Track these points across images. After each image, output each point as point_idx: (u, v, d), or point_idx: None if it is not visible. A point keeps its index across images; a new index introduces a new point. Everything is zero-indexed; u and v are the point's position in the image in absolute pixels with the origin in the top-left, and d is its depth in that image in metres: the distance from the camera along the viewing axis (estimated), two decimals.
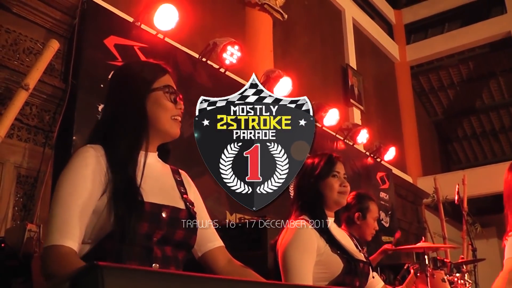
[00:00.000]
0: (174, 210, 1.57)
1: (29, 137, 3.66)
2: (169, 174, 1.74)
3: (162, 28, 4.52)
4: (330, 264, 2.15)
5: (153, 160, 1.67)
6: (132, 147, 1.58)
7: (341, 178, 2.36)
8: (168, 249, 1.53)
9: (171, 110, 1.62)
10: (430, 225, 9.73)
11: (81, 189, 1.45)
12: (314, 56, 8.28)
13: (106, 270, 0.56)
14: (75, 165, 1.50)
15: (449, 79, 12.85)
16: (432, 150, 13.22)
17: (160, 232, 1.50)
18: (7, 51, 3.63)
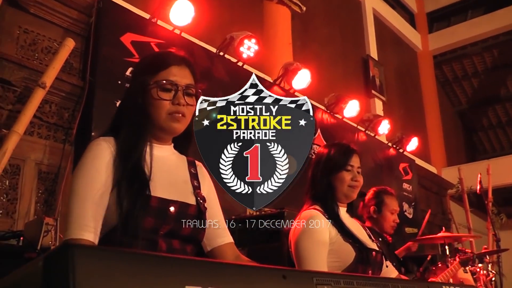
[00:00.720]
0: (183, 205, 1.57)
1: (49, 134, 3.74)
2: (184, 167, 1.73)
3: (179, 23, 4.56)
4: (342, 253, 2.16)
5: (167, 153, 1.68)
6: (135, 139, 1.57)
7: (354, 172, 2.36)
8: (175, 242, 1.54)
9: (165, 106, 1.59)
10: (455, 216, 9.63)
11: (95, 182, 1.47)
12: (334, 48, 8.24)
13: (77, 249, 0.58)
14: (88, 158, 1.52)
15: (473, 68, 12.67)
16: (456, 140, 13.07)
17: (167, 227, 1.51)
18: (26, 51, 3.71)
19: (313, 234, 2.15)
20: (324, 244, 2.14)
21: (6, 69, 3.50)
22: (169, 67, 1.62)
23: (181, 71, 1.64)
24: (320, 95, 6.78)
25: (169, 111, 1.58)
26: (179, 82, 1.61)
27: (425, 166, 9.83)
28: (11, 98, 3.54)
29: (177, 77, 1.61)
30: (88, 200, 1.43)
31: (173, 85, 1.59)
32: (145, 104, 1.59)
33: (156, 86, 1.58)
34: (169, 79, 1.59)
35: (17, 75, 3.56)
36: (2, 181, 3.44)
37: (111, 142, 1.56)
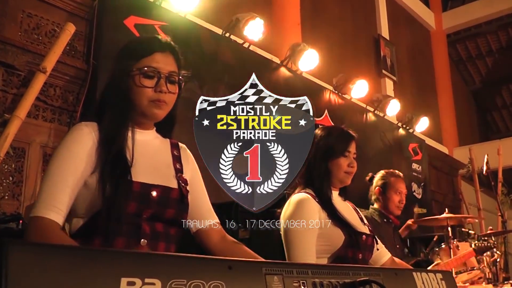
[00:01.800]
0: (165, 189, 1.59)
1: (54, 118, 3.79)
2: (167, 150, 1.75)
3: (183, 5, 4.55)
4: (331, 236, 2.18)
5: (149, 137, 1.70)
6: (117, 125, 1.59)
7: (351, 158, 2.37)
8: (159, 226, 1.56)
9: (147, 93, 1.59)
10: (466, 196, 9.59)
11: (70, 165, 1.49)
12: (344, 27, 8.17)
13: (11, 246, 0.60)
14: (67, 142, 1.54)
15: (488, 47, 12.49)
16: (469, 119, 12.95)
17: (150, 211, 1.53)
18: (29, 35, 3.74)
19: (303, 218, 2.17)
20: (313, 229, 2.16)
21: (9, 54, 3.54)
22: (152, 53, 1.62)
23: (165, 58, 1.64)
24: (329, 75, 6.77)
25: (151, 98, 1.59)
26: (162, 70, 1.61)
27: (437, 146, 9.77)
28: (15, 82, 3.59)
29: (160, 64, 1.61)
30: (60, 182, 1.46)
31: (156, 73, 1.60)
32: (127, 90, 1.60)
33: (138, 73, 1.58)
34: (152, 66, 1.59)
35: (21, 59, 3.60)
36: (8, 164, 3.50)
37: (94, 127, 1.59)
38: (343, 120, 6.56)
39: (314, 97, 6.27)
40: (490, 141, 10.77)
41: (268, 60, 5.80)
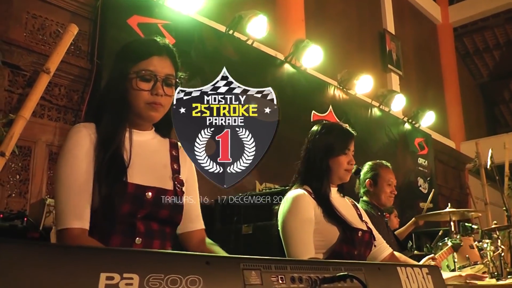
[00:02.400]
0: (160, 191, 1.61)
1: (59, 117, 3.85)
2: (165, 150, 1.77)
3: (187, 4, 4.60)
4: (326, 232, 2.19)
5: (147, 138, 1.72)
6: (113, 125, 1.61)
7: (350, 155, 2.39)
8: (154, 224, 1.60)
9: (144, 97, 1.61)
10: (473, 191, 9.57)
11: (76, 170, 1.51)
12: (349, 23, 8.17)
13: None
14: (68, 147, 1.56)
15: (495, 40, 12.42)
16: (477, 113, 12.90)
17: (144, 211, 1.56)
18: (34, 36, 3.80)
19: (299, 213, 2.19)
20: (310, 223, 2.17)
21: (15, 54, 3.61)
22: (150, 57, 1.63)
23: (162, 61, 1.65)
24: (334, 71, 6.79)
25: (148, 101, 1.62)
26: (159, 73, 1.63)
27: (443, 140, 9.76)
28: (21, 82, 3.65)
29: (157, 67, 1.63)
30: (73, 188, 1.49)
31: (153, 76, 1.62)
32: (124, 92, 1.62)
33: (135, 76, 1.60)
34: (149, 70, 1.61)
35: (26, 60, 3.67)
36: (15, 163, 3.57)
37: (92, 128, 1.60)
38: (348, 115, 6.58)
39: (318, 92, 6.30)
40: (497, 135, 10.72)
41: (272, 56, 5.83)
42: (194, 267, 0.84)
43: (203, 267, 0.85)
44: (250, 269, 0.92)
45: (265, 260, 0.99)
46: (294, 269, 1.03)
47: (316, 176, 2.34)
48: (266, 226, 3.80)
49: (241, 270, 0.91)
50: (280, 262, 1.00)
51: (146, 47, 1.67)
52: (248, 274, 0.91)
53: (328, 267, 1.13)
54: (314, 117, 6.08)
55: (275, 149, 5.31)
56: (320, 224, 2.20)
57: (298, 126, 5.81)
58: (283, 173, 5.34)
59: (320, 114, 6.18)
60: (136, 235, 1.55)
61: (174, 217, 1.67)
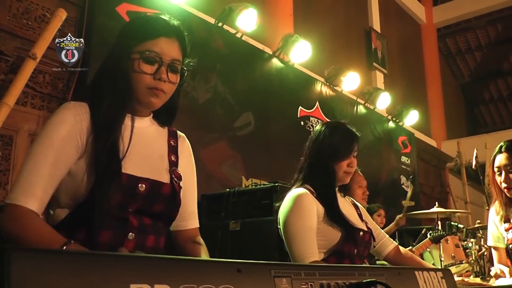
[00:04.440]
0: (155, 183, 1.48)
1: (42, 105, 3.72)
2: (163, 140, 1.64)
3: None
4: (328, 232, 2.16)
5: (144, 124, 1.58)
6: (115, 109, 1.48)
7: (352, 158, 2.32)
8: (146, 219, 1.48)
9: (145, 80, 1.48)
10: (453, 189, 9.65)
11: (54, 150, 1.38)
12: (336, 19, 8.13)
13: (14, 252, 0.56)
14: (52, 123, 1.43)
15: (477, 41, 12.53)
16: (458, 113, 13.02)
17: (135, 205, 1.44)
18: (18, 20, 3.65)
19: (302, 213, 2.14)
20: (313, 221, 2.13)
21: None
22: (157, 37, 1.50)
23: (170, 43, 1.51)
24: (320, 67, 6.74)
25: (149, 85, 1.48)
26: (165, 56, 1.49)
27: (425, 139, 9.81)
28: (3, 68, 3.51)
29: (164, 50, 1.49)
30: (41, 168, 1.35)
31: (158, 59, 1.48)
32: (126, 72, 1.48)
33: (139, 56, 1.46)
34: (154, 51, 1.48)
35: (10, 45, 3.52)
36: None
37: (84, 108, 1.46)
38: (334, 112, 6.55)
39: (305, 88, 6.25)
40: (478, 135, 10.83)
41: (260, 50, 5.75)
42: (225, 275, 0.76)
43: (234, 275, 0.77)
44: (281, 276, 0.85)
45: (295, 267, 0.92)
46: (323, 275, 0.96)
47: (319, 178, 2.27)
48: (254, 223, 3.74)
49: (272, 278, 0.83)
50: (309, 268, 0.93)
51: (154, 25, 1.52)
52: (279, 281, 0.84)
53: (354, 272, 1.08)
54: (301, 113, 6.03)
55: (261, 144, 5.30)
56: (322, 224, 2.15)
57: (285, 121, 5.77)
58: (269, 168, 5.29)
59: (307, 110, 6.13)
60: (129, 230, 1.43)
61: (168, 213, 1.55)
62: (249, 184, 4.93)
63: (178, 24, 1.57)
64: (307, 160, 2.33)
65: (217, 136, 4.80)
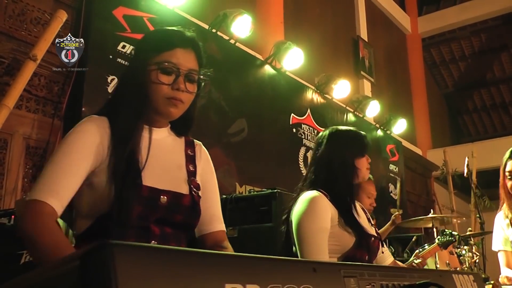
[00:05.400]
0: (175, 195, 1.50)
1: (38, 108, 3.65)
2: (180, 150, 1.66)
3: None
4: (342, 237, 2.14)
5: (162, 136, 1.61)
6: (131, 121, 1.50)
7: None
8: (167, 228, 1.49)
9: (163, 90, 1.51)
10: (439, 198, 9.72)
11: (78, 154, 1.41)
12: (325, 28, 8.17)
13: (116, 248, 0.54)
14: (76, 132, 1.46)
15: (461, 52, 12.70)
16: (442, 122, 13.15)
17: (157, 215, 1.46)
18: (14, 21, 3.59)
19: (316, 217, 2.12)
20: (326, 226, 2.12)
21: None
22: (173, 48, 1.53)
23: (186, 54, 1.55)
24: (310, 74, 6.75)
25: (167, 96, 1.50)
26: (182, 66, 1.52)
27: (411, 148, 9.88)
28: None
29: (181, 60, 1.52)
30: (64, 169, 1.38)
31: (175, 69, 1.51)
32: (144, 84, 1.51)
33: (156, 68, 1.50)
34: (172, 62, 1.51)
35: (5, 46, 3.46)
36: None
37: (105, 122, 1.50)
38: (325, 119, 6.56)
39: (297, 95, 6.26)
40: (464, 144, 10.95)
41: (253, 56, 5.74)
42: (304, 275, 0.75)
43: (311, 274, 0.75)
44: (349, 276, 0.82)
45: (360, 267, 0.89)
46: (382, 276, 0.94)
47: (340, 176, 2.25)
48: (252, 229, 3.70)
49: (342, 277, 0.81)
50: (371, 269, 0.91)
51: (170, 37, 1.56)
52: (348, 281, 0.82)
53: (405, 274, 1.06)
54: (293, 120, 6.02)
55: (254, 151, 5.27)
56: (336, 228, 2.13)
57: (277, 128, 5.76)
58: (262, 175, 5.27)
59: (299, 117, 6.12)
60: (151, 238, 1.44)
61: (189, 222, 1.56)
62: (243, 190, 4.90)
63: (193, 35, 1.62)
64: (320, 163, 2.30)
65: (211, 143, 4.76)
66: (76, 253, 0.57)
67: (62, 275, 0.57)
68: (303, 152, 6.06)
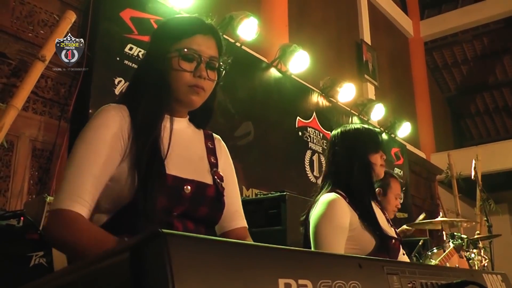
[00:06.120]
0: (200, 185, 1.44)
1: (44, 110, 3.62)
2: (200, 141, 1.60)
3: (178, 1, 4.46)
4: (362, 240, 2.10)
5: (182, 126, 1.55)
6: (154, 110, 1.44)
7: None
8: (189, 223, 1.42)
9: (186, 78, 1.44)
10: (443, 202, 9.68)
11: (98, 154, 1.34)
12: (328, 31, 8.15)
13: (170, 237, 0.50)
14: (94, 126, 1.39)
15: (463, 55, 12.68)
16: (445, 126, 13.12)
17: (181, 208, 1.40)
18: (21, 23, 3.57)
19: (334, 220, 2.09)
20: (343, 231, 2.08)
21: (1, 41, 3.37)
22: (194, 35, 1.47)
23: (207, 41, 1.50)
24: (314, 77, 6.72)
25: (189, 83, 1.45)
26: (203, 53, 1.46)
27: (415, 151, 9.85)
28: (6, 71, 3.41)
29: (202, 47, 1.47)
30: (86, 171, 1.31)
31: (196, 55, 1.45)
32: (164, 72, 1.45)
33: (177, 54, 1.44)
34: (193, 48, 1.45)
35: (13, 48, 3.43)
36: None
37: (124, 110, 1.43)
38: (330, 122, 6.53)
39: (303, 98, 6.23)
40: (467, 148, 10.91)
41: (259, 59, 5.72)
42: (351, 271, 0.72)
43: (358, 270, 0.72)
44: (392, 273, 0.79)
45: (401, 264, 0.87)
46: (420, 274, 0.91)
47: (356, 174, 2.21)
48: (262, 233, 3.65)
49: (386, 274, 0.78)
50: (411, 267, 0.89)
51: (190, 24, 1.51)
52: (391, 278, 0.79)
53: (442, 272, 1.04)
54: (299, 123, 5.99)
55: (261, 154, 5.24)
56: (356, 231, 2.09)
57: (283, 131, 5.73)
58: (269, 178, 5.23)
59: (304, 121, 6.09)
60: None
61: (213, 216, 1.50)
62: (249, 194, 4.86)
63: (212, 23, 1.57)
64: (335, 163, 2.27)
65: None
66: (125, 244, 0.54)
67: (111, 268, 0.54)
68: (309, 155, 6.03)
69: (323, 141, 6.29)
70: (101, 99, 3.65)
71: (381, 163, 2.28)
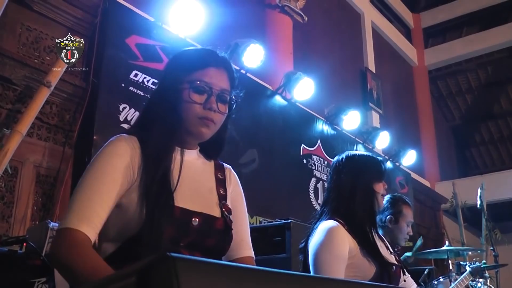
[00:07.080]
0: (208, 218, 1.46)
1: (49, 136, 3.61)
2: (210, 173, 1.61)
3: (183, 28, 4.48)
4: (362, 267, 2.08)
5: (192, 157, 1.56)
6: (164, 141, 1.46)
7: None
8: (197, 253, 1.42)
9: (196, 110, 1.46)
10: (448, 231, 9.59)
11: (109, 178, 1.36)
12: (333, 59, 8.18)
13: (179, 261, 0.48)
14: (108, 153, 1.41)
15: (467, 84, 12.71)
16: (449, 155, 13.08)
17: (188, 239, 1.40)
18: (28, 49, 3.59)
19: (333, 249, 2.08)
20: (343, 260, 2.07)
21: (7, 67, 3.38)
22: (206, 67, 1.50)
23: (219, 74, 1.52)
24: (319, 105, 6.72)
25: (199, 115, 1.46)
26: (214, 86, 1.49)
27: (420, 180, 9.80)
28: (11, 97, 3.41)
29: (213, 80, 1.49)
30: (96, 195, 1.33)
31: (207, 88, 1.48)
32: (176, 103, 1.47)
33: (189, 86, 1.47)
34: (204, 81, 1.48)
35: (18, 74, 3.44)
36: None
37: (135, 141, 1.45)
38: (335, 150, 6.50)
39: (307, 126, 6.22)
40: (471, 177, 10.85)
41: (264, 87, 5.73)
42: None
43: None
44: None
45: None
46: None
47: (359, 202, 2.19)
48: (266, 260, 3.61)
49: None
50: None
51: (203, 56, 1.54)
52: None
53: None
54: (304, 151, 5.98)
55: (265, 181, 5.20)
56: (356, 258, 2.07)
57: (288, 159, 5.70)
58: (273, 205, 5.19)
59: (309, 148, 6.08)
60: None
61: (221, 248, 1.51)
62: (254, 221, 4.82)
63: (226, 56, 1.60)
64: (337, 188, 2.25)
65: None
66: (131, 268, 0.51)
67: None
68: (314, 183, 6.00)
69: (327, 169, 6.26)
70: (105, 125, 3.65)
71: (382, 193, 2.27)
